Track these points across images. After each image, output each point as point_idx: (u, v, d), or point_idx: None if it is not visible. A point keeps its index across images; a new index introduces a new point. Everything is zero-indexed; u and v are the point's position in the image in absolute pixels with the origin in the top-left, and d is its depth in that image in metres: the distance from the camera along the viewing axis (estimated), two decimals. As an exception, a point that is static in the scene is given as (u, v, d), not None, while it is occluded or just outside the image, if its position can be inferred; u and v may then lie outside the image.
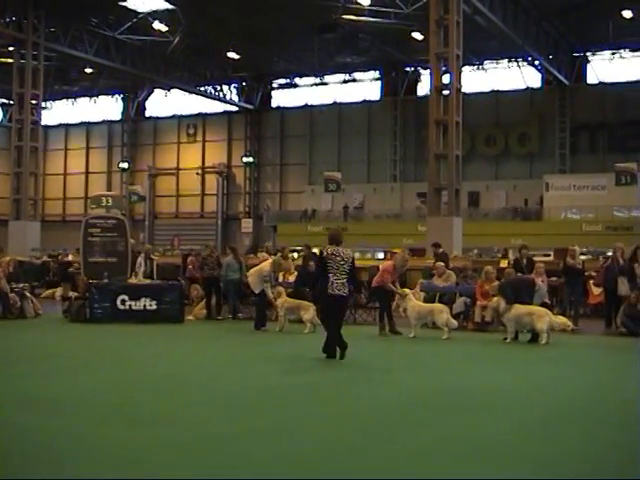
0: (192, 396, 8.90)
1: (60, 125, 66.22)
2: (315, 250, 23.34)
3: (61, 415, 7.73)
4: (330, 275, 11.89)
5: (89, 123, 65.64)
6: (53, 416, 7.67)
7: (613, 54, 48.66)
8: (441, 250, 22.70)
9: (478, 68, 51.59)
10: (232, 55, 50.57)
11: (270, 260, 18.16)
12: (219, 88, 56.87)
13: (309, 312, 16.49)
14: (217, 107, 60.16)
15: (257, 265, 18.22)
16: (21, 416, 7.62)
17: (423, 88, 52.40)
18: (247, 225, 57.78)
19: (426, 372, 11.51)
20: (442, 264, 19.93)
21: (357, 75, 56.11)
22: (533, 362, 12.84)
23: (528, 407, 8.58)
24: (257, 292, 17.34)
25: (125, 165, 63.09)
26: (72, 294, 19.86)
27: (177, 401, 8.52)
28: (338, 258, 11.95)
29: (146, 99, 63.60)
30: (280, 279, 19.48)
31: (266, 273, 17.39)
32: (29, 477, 5.63)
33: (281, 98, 59.69)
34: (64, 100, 64.58)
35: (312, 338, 15.81)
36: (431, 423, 7.67)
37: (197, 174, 60.90)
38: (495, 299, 15.82)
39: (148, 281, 19.61)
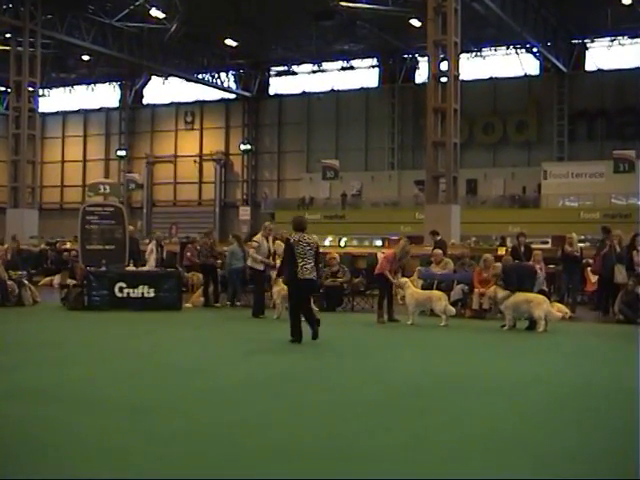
0: (187, 386, 8.84)
1: (57, 113, 66.09)
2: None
3: (52, 405, 7.66)
4: (299, 260, 12.49)
5: (86, 110, 65.51)
6: (45, 407, 7.60)
7: (612, 41, 48.52)
8: (439, 237, 22.72)
9: (476, 55, 51.44)
10: (230, 42, 50.40)
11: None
12: (217, 76, 56.71)
13: (306, 300, 16.53)
14: (215, 95, 60.00)
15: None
16: (13, 407, 7.57)
17: (421, 75, 52.27)
18: (245, 213, 57.82)
19: (423, 360, 11.51)
20: (440, 251, 19.94)
21: (355, 62, 55.94)
22: (531, 350, 12.85)
23: (526, 395, 8.57)
24: (261, 269, 17.37)
25: (123, 153, 63.03)
26: (70, 282, 19.84)
27: (171, 391, 8.45)
28: (304, 244, 12.58)
29: (144, 86, 63.45)
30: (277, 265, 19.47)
31: (257, 240, 17.50)
32: (21, 469, 5.56)
33: (279, 85, 59.56)
34: (61, 88, 64.37)
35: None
36: (428, 412, 7.65)
37: (195, 162, 60.87)
38: (492, 287, 15.82)
39: (146, 268, 19.63)
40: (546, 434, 6.70)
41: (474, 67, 50.94)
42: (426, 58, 35.88)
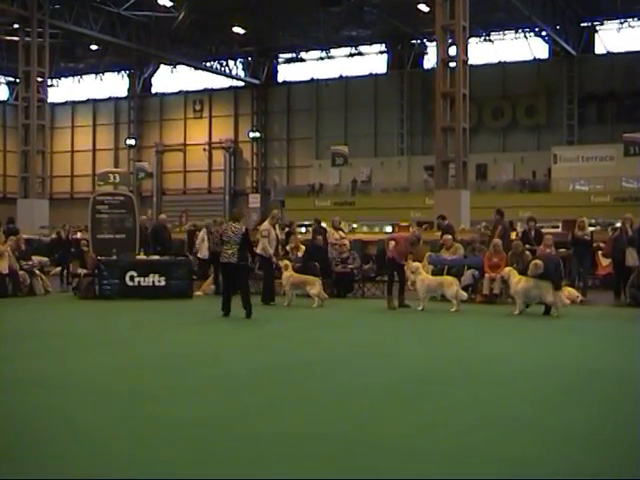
0: (194, 374, 8.84)
1: (67, 102, 66.16)
2: (324, 224, 23.35)
3: (57, 394, 7.70)
4: (224, 246, 14.53)
5: (95, 100, 65.56)
6: (49, 395, 7.63)
7: (621, 23, 48.23)
8: (446, 222, 22.63)
9: (485, 40, 51.24)
10: (238, 30, 50.36)
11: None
12: (225, 63, 56.72)
13: (315, 287, 16.58)
14: (223, 82, 60.01)
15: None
16: (16, 396, 7.61)
17: (430, 61, 52.11)
18: (255, 200, 57.70)
19: (434, 345, 11.53)
20: (450, 237, 19.91)
21: (363, 48, 55.78)
22: (542, 334, 12.83)
23: (537, 379, 8.57)
24: (269, 255, 17.35)
25: (132, 142, 63.02)
26: (81, 271, 19.93)
27: (176, 380, 8.42)
28: (229, 232, 14.58)
29: (152, 75, 63.45)
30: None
31: (266, 228, 17.51)
32: (22, 462, 5.53)
33: (287, 72, 59.46)
34: (70, 77, 64.52)
35: (319, 312, 15.88)
36: (436, 397, 7.64)
37: (204, 150, 60.88)
38: (507, 269, 15.75)
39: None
40: (555, 419, 6.69)
41: (483, 51, 50.77)
42: (434, 43, 35.75)
